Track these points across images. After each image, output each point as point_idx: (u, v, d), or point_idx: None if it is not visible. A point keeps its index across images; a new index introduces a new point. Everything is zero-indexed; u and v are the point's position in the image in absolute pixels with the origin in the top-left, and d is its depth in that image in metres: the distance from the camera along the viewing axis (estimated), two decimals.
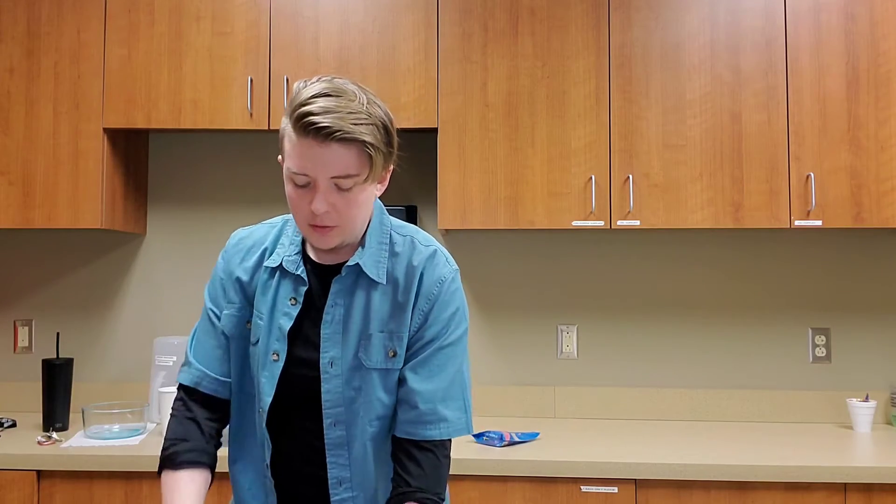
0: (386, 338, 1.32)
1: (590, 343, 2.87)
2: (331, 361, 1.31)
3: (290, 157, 1.22)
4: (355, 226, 1.28)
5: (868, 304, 2.81)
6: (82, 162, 2.58)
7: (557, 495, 2.17)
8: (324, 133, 1.17)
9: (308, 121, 1.17)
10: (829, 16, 2.51)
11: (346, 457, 1.32)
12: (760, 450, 2.32)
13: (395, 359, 1.32)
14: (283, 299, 1.33)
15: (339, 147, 1.19)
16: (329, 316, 1.32)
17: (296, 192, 1.24)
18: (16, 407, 2.84)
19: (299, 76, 2.57)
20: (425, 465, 1.29)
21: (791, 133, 2.50)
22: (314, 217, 1.23)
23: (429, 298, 1.33)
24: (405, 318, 1.32)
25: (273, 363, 1.32)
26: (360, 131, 1.19)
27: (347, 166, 1.20)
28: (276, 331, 1.33)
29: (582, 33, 2.55)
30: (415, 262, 1.34)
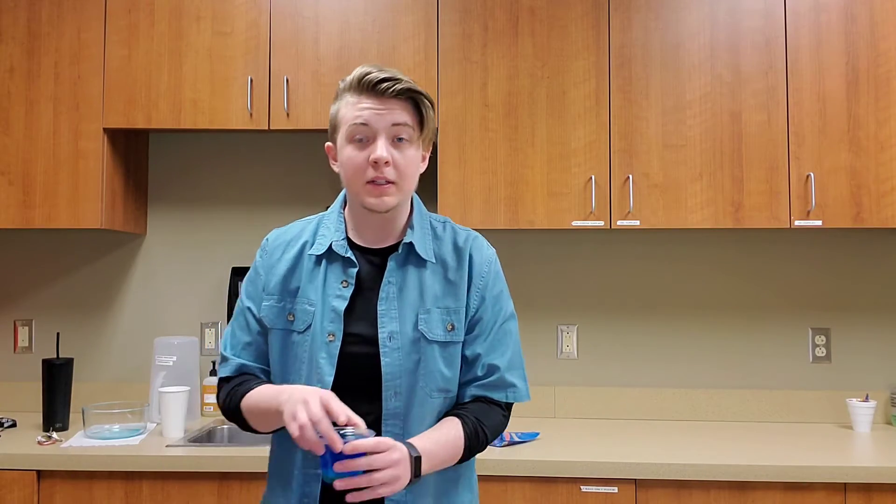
0: (444, 313, 1.40)
1: (590, 343, 2.87)
2: (389, 335, 1.37)
3: (349, 118, 1.35)
4: (407, 189, 1.38)
5: (868, 304, 2.81)
6: (82, 162, 2.58)
7: (557, 495, 2.17)
8: (384, 86, 1.32)
9: (369, 78, 1.33)
10: (829, 16, 2.51)
11: (401, 426, 1.36)
12: (760, 450, 2.32)
13: (454, 332, 1.40)
14: (333, 283, 1.39)
15: (396, 101, 1.34)
16: (384, 293, 1.39)
17: (356, 150, 1.35)
18: (16, 407, 2.85)
19: (299, 76, 2.58)
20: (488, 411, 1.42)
21: (791, 133, 2.50)
22: (374, 170, 1.33)
23: (482, 277, 1.44)
24: (460, 295, 1.41)
25: (330, 343, 1.36)
26: (413, 86, 1.35)
27: (405, 116, 1.34)
28: (329, 313, 1.38)
29: (582, 33, 2.55)
30: (460, 244, 1.45)
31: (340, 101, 1.39)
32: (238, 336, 1.47)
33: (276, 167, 2.94)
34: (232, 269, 2.83)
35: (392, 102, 1.34)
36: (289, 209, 2.92)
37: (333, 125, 1.40)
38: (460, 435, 1.36)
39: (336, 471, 1.16)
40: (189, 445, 2.36)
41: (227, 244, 2.93)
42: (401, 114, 1.34)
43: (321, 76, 2.58)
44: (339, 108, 1.38)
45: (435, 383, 1.38)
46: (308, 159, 2.93)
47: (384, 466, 1.19)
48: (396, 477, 1.21)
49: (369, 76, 1.34)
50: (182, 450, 2.28)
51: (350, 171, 1.36)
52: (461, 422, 1.38)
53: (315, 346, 1.37)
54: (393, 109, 1.34)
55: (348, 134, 1.35)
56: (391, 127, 1.34)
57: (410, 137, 1.36)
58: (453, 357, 1.40)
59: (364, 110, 1.34)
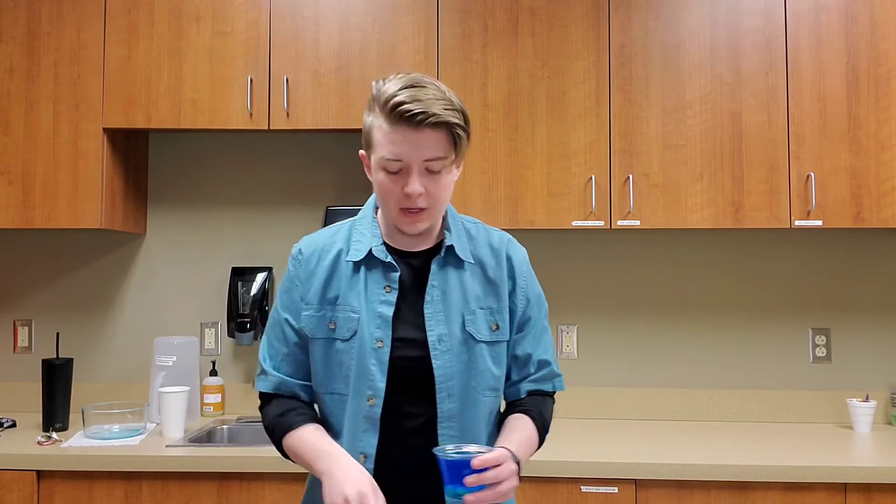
0: (487, 313, 1.41)
1: (590, 343, 2.87)
2: (439, 338, 1.37)
3: (382, 146, 1.32)
4: (440, 210, 1.38)
5: (868, 304, 2.81)
6: (82, 162, 2.58)
7: (557, 495, 2.17)
8: (417, 119, 1.28)
9: (402, 109, 1.28)
10: (829, 16, 2.51)
11: (457, 427, 1.37)
12: (760, 450, 2.32)
13: (499, 331, 1.42)
14: (376, 289, 1.39)
15: (430, 132, 1.30)
16: (429, 296, 1.39)
17: (388, 178, 1.33)
18: (16, 407, 2.84)
19: (299, 76, 2.57)
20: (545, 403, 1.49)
21: (791, 133, 2.50)
22: (407, 200, 1.32)
23: (524, 277, 1.47)
24: (502, 295, 1.44)
25: (379, 350, 1.36)
26: (448, 115, 1.30)
27: (438, 149, 1.31)
28: (375, 319, 1.37)
29: (582, 33, 2.55)
30: (495, 244, 1.47)
31: (373, 116, 1.34)
32: (276, 347, 1.45)
33: (276, 167, 2.94)
34: (232, 269, 2.83)
35: (426, 133, 1.30)
36: (289, 209, 2.92)
37: (366, 141, 1.38)
38: (535, 432, 1.42)
39: (468, 485, 1.20)
40: (189, 445, 2.36)
41: (227, 244, 2.92)
42: (433, 148, 1.31)
43: (321, 76, 2.58)
44: (371, 128, 1.35)
45: (486, 382, 1.40)
46: (308, 159, 2.93)
47: (507, 477, 1.22)
48: (513, 486, 1.25)
49: (402, 108, 1.28)
50: (182, 450, 2.28)
51: (384, 196, 1.36)
52: (531, 419, 1.43)
53: (363, 354, 1.36)
54: (425, 142, 1.30)
55: (380, 163, 1.33)
56: (423, 161, 1.31)
57: (445, 165, 1.34)
58: (500, 356, 1.43)
59: (397, 144, 1.30)
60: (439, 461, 1.23)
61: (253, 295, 2.77)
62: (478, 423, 1.39)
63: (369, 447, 1.36)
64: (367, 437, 1.36)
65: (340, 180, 2.92)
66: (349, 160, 2.91)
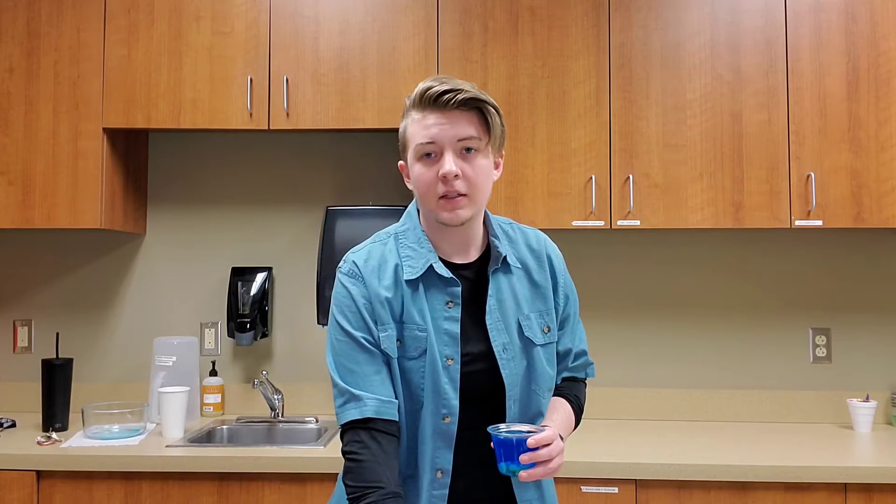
0: (538, 316, 1.44)
1: (589, 343, 2.85)
2: (503, 347, 1.39)
3: (416, 136, 1.34)
4: (480, 199, 1.36)
5: (868, 304, 2.81)
6: (82, 162, 2.58)
7: (557, 495, 2.17)
8: (445, 98, 1.31)
9: (431, 92, 1.32)
10: (830, 16, 2.51)
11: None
12: (760, 450, 2.32)
13: (550, 333, 1.45)
14: (438, 305, 1.37)
15: (461, 113, 1.32)
16: (489, 306, 1.40)
17: (425, 167, 1.34)
18: (16, 407, 2.84)
19: (299, 76, 2.57)
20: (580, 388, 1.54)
21: (791, 133, 2.50)
22: (445, 185, 1.31)
23: (562, 275, 1.50)
24: (549, 296, 1.46)
25: (449, 367, 1.36)
26: (477, 94, 1.33)
27: (470, 129, 1.32)
28: (443, 336, 1.36)
29: (582, 33, 2.55)
30: (534, 245, 1.48)
31: (407, 118, 1.37)
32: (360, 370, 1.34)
33: (276, 167, 2.94)
34: (232, 269, 2.83)
35: (456, 114, 1.32)
36: (289, 209, 2.92)
37: (402, 144, 1.39)
38: (572, 413, 1.47)
39: (523, 462, 1.25)
40: (188, 446, 2.36)
41: (227, 244, 2.92)
42: (466, 126, 1.32)
43: (321, 76, 2.58)
44: (406, 126, 1.38)
45: (546, 384, 1.43)
46: (308, 159, 2.93)
47: (557, 455, 1.27)
48: (562, 463, 1.30)
49: (431, 90, 1.32)
50: (181, 450, 2.28)
51: (422, 189, 1.35)
52: (567, 401, 1.48)
53: (435, 372, 1.35)
54: (457, 122, 1.32)
55: (416, 152, 1.34)
56: (457, 141, 1.32)
57: (478, 147, 1.34)
58: (552, 356, 1.46)
59: (429, 127, 1.32)
60: (494, 439, 1.27)
61: (253, 295, 2.77)
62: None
63: (446, 462, 1.36)
64: (442, 454, 1.36)
65: (340, 180, 2.92)
66: (349, 160, 2.91)
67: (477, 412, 1.37)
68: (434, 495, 1.37)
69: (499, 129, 1.37)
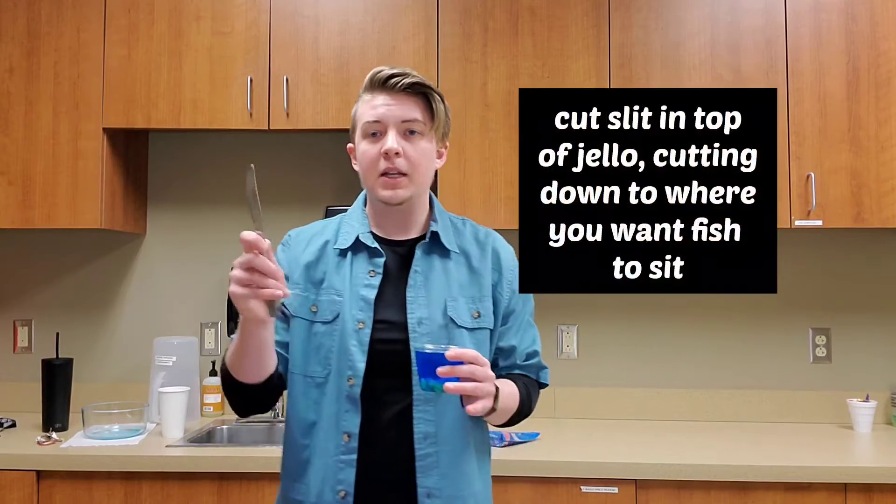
0: (469, 301, 1.44)
1: (590, 343, 2.87)
2: (419, 321, 1.40)
3: (363, 115, 1.41)
4: (421, 181, 1.42)
5: (868, 304, 2.81)
6: (82, 162, 2.58)
7: (557, 495, 2.17)
8: (393, 81, 1.39)
9: (381, 75, 1.40)
10: (830, 16, 2.51)
11: (433, 412, 1.38)
12: (760, 450, 2.32)
13: (481, 319, 1.45)
14: (361, 274, 1.42)
15: (406, 96, 1.40)
16: (412, 280, 1.42)
17: (369, 144, 1.40)
18: (16, 407, 2.84)
19: (299, 76, 2.57)
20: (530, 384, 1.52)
21: (791, 133, 2.50)
22: (386, 161, 1.37)
23: (511, 271, 1.52)
24: (485, 284, 1.47)
25: (360, 331, 1.39)
26: (423, 80, 1.41)
27: (415, 112, 1.40)
28: (358, 302, 1.40)
29: (582, 33, 2.55)
30: (481, 237, 1.52)
31: (358, 102, 1.45)
32: None
33: (276, 167, 2.94)
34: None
35: (403, 97, 1.39)
36: (289, 209, 2.92)
37: (352, 125, 1.46)
38: (517, 394, 1.44)
39: (440, 374, 1.22)
40: (189, 446, 2.36)
41: (227, 244, 2.92)
42: (411, 108, 1.40)
43: (321, 76, 2.58)
44: (356, 109, 1.45)
45: None
46: (308, 159, 2.93)
47: (483, 378, 1.25)
48: (490, 393, 1.27)
49: (380, 74, 1.40)
50: (182, 450, 2.28)
51: (365, 165, 1.42)
52: (516, 384, 1.46)
53: (345, 335, 1.39)
54: (403, 104, 1.39)
55: (363, 131, 1.41)
56: (401, 122, 1.39)
57: (422, 131, 1.41)
58: (481, 343, 1.45)
59: (376, 107, 1.39)
60: (416, 355, 1.27)
61: None
62: (454, 410, 1.39)
63: (352, 426, 1.37)
64: (349, 417, 1.37)
65: (340, 180, 2.92)
66: (349, 160, 2.90)
67: (386, 385, 1.38)
68: (342, 460, 1.37)
69: (443, 116, 1.43)
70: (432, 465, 1.37)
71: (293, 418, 1.44)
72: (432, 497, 1.37)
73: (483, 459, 1.49)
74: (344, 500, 1.36)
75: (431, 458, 1.37)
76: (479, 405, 1.25)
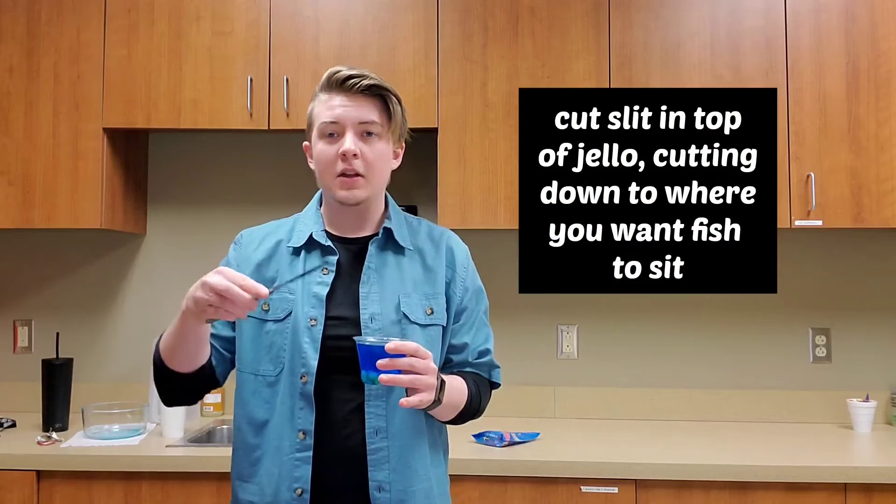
0: (423, 297, 1.45)
1: (590, 343, 2.87)
2: (371, 317, 1.40)
3: (320, 114, 1.41)
4: (377, 182, 1.43)
5: (868, 304, 2.81)
6: (82, 162, 2.58)
7: (557, 495, 2.17)
8: (351, 82, 1.39)
9: (339, 76, 1.40)
10: (829, 16, 2.51)
11: (384, 407, 1.39)
12: (760, 450, 2.32)
13: (433, 316, 1.45)
14: (313, 272, 1.43)
15: (364, 98, 1.40)
16: (365, 276, 1.43)
17: (326, 145, 1.41)
18: (16, 407, 2.84)
19: (299, 76, 2.57)
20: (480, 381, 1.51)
21: (791, 133, 2.50)
22: (343, 162, 1.38)
23: (465, 269, 1.51)
24: (438, 281, 1.47)
25: (312, 328, 1.39)
26: (380, 82, 1.41)
27: (372, 114, 1.40)
28: (310, 299, 1.41)
29: (582, 33, 2.55)
30: (435, 235, 1.52)
31: (315, 100, 1.45)
32: None
33: (276, 167, 2.94)
34: None
35: (360, 99, 1.40)
36: (288, 209, 2.89)
37: (309, 123, 1.47)
38: (465, 390, 1.44)
39: (380, 367, 1.23)
40: (188, 446, 2.35)
41: (227, 244, 2.90)
42: (369, 110, 1.40)
43: (321, 76, 2.56)
44: (312, 107, 1.45)
45: None
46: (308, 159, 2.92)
47: (424, 371, 1.25)
48: (431, 385, 1.27)
49: (338, 74, 1.41)
50: (181, 450, 2.28)
51: (322, 166, 1.42)
52: (464, 381, 1.45)
53: (297, 332, 1.39)
54: (361, 105, 1.40)
55: (320, 131, 1.42)
56: (359, 123, 1.39)
57: (379, 132, 1.41)
58: (434, 340, 1.45)
59: (334, 108, 1.40)
60: (358, 347, 1.26)
61: None
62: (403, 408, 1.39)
63: (307, 423, 1.37)
64: (304, 414, 1.37)
65: None
66: None
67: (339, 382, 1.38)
68: (298, 458, 1.36)
69: (400, 118, 1.44)
70: (383, 459, 1.37)
71: (242, 418, 1.44)
72: (383, 491, 1.37)
73: (437, 455, 1.48)
74: (300, 497, 1.36)
75: (382, 452, 1.38)
76: (416, 398, 1.25)
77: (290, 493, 1.36)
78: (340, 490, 1.37)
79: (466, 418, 1.47)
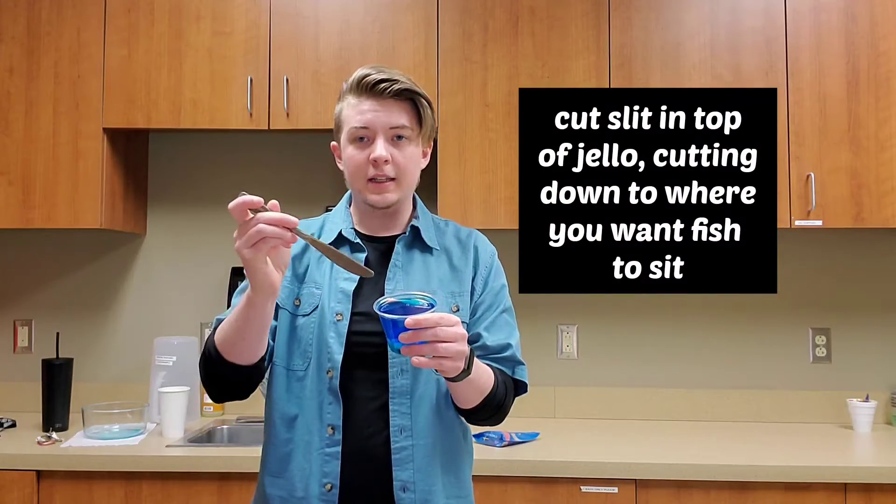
0: (448, 295, 1.45)
1: (590, 343, 2.87)
2: None
3: (350, 119, 1.41)
4: (408, 184, 1.44)
5: (868, 304, 2.81)
6: (82, 162, 2.58)
7: (557, 495, 2.17)
8: (381, 87, 1.38)
9: (368, 79, 1.39)
10: (829, 16, 2.51)
11: (409, 405, 1.39)
12: (760, 450, 2.32)
13: (459, 313, 1.44)
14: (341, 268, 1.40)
15: (395, 102, 1.40)
16: (391, 273, 1.44)
17: (357, 150, 1.40)
18: (16, 407, 2.84)
19: (299, 76, 2.57)
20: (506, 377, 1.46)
21: (791, 133, 2.50)
22: (374, 168, 1.38)
23: (486, 266, 1.51)
24: (465, 279, 1.48)
25: (338, 323, 1.39)
26: (411, 86, 1.40)
27: (403, 118, 1.40)
28: (337, 294, 1.41)
29: (582, 33, 2.55)
30: (463, 236, 1.53)
31: (343, 101, 1.44)
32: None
33: (276, 167, 2.94)
34: (232, 269, 2.83)
35: (390, 103, 1.39)
36: (288, 209, 2.88)
37: (337, 125, 1.46)
38: (492, 375, 1.40)
39: (402, 341, 1.19)
40: (189, 445, 2.36)
41: (227, 244, 2.92)
42: (399, 115, 1.40)
43: (321, 76, 2.58)
44: (341, 109, 1.44)
45: None
46: (308, 159, 2.93)
47: (450, 339, 1.20)
48: (460, 353, 1.22)
49: (368, 77, 1.39)
50: (182, 450, 2.28)
51: (352, 170, 1.42)
52: (491, 369, 1.41)
53: (323, 327, 1.40)
54: (391, 110, 1.39)
55: (350, 135, 1.41)
56: (389, 129, 1.39)
57: (409, 136, 1.41)
58: None
59: (364, 113, 1.39)
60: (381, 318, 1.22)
61: None
62: (429, 403, 1.39)
63: (335, 418, 1.37)
64: (332, 409, 1.37)
65: (340, 180, 2.87)
66: None
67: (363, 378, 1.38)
68: (327, 453, 1.37)
69: (430, 120, 1.44)
70: (407, 458, 1.37)
71: (275, 412, 1.44)
72: (407, 491, 1.37)
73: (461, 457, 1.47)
74: (330, 493, 1.36)
75: (406, 451, 1.37)
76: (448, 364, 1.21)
77: (321, 488, 1.36)
78: (366, 487, 1.37)
79: (490, 412, 1.41)
